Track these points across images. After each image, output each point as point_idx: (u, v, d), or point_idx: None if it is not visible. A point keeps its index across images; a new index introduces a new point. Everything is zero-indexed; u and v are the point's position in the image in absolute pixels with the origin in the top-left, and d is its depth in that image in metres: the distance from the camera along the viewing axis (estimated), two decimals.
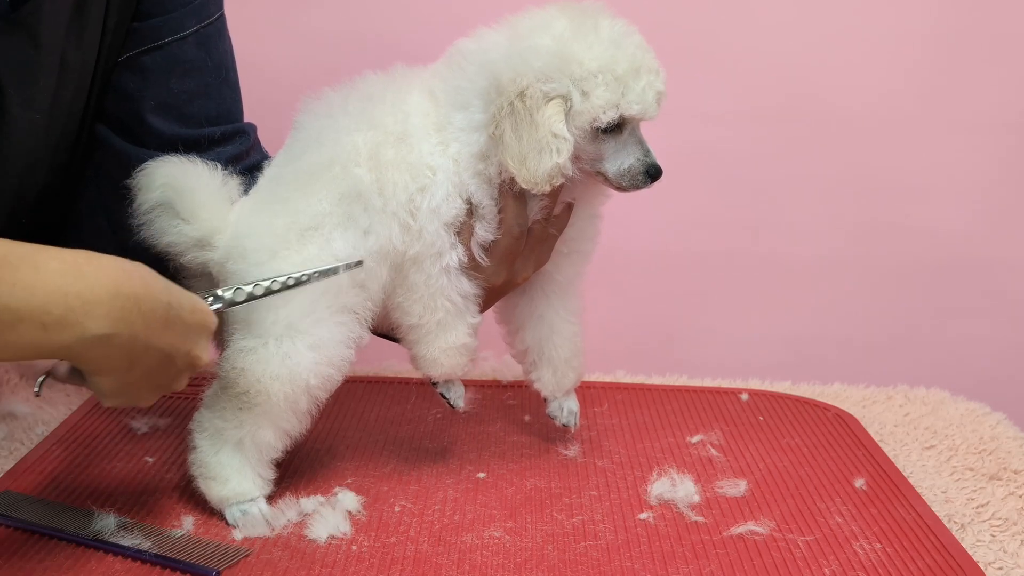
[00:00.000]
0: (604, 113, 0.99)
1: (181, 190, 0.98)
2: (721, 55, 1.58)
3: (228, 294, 0.93)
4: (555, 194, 1.04)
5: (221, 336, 1.01)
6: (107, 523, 0.95)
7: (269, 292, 0.94)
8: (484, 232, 1.03)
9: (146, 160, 1.00)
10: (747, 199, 1.62)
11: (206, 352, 0.90)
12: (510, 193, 1.03)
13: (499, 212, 1.03)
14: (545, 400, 1.16)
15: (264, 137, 1.21)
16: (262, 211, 0.99)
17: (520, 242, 1.05)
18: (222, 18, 1.16)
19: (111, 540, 0.93)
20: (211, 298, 0.93)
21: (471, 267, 1.04)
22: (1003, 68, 1.58)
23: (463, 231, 1.03)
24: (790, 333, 1.65)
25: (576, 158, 1.01)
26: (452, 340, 1.05)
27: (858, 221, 1.62)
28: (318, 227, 0.98)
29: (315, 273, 0.95)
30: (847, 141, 1.60)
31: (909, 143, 1.60)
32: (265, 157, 1.17)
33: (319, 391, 0.99)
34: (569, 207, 1.07)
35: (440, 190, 1.01)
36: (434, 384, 1.10)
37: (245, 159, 1.14)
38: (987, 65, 1.58)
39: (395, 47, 1.54)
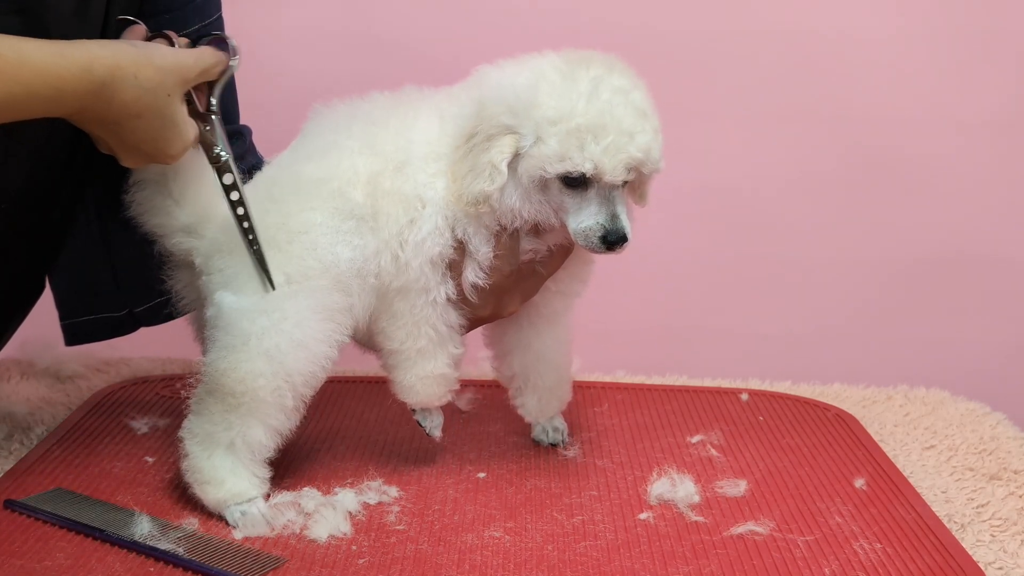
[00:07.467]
0: (550, 164, 0.96)
1: (177, 171, 0.99)
2: (722, 55, 1.58)
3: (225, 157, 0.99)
4: (539, 234, 1.03)
5: (203, 339, 1.01)
6: (145, 526, 0.94)
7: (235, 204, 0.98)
8: (474, 276, 1.02)
9: None
10: (747, 199, 1.62)
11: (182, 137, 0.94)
12: (503, 236, 1.01)
13: (494, 258, 1.02)
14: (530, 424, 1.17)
15: (260, 139, 1.21)
16: (254, 207, 0.99)
17: (509, 279, 1.04)
18: (220, 19, 1.16)
19: (149, 543, 0.93)
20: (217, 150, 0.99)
21: (458, 300, 1.04)
22: (1003, 67, 1.58)
23: (454, 266, 1.02)
24: (790, 333, 1.65)
25: (537, 201, 0.98)
26: (430, 369, 1.05)
27: (858, 221, 1.62)
28: (306, 232, 0.99)
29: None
30: (847, 141, 1.60)
31: (909, 143, 1.60)
32: (259, 161, 1.18)
33: (304, 388, 0.99)
34: (563, 250, 1.06)
35: (427, 224, 1.00)
36: (412, 411, 1.10)
37: (241, 161, 1.14)
38: (987, 64, 1.58)
39: (395, 48, 1.54)
